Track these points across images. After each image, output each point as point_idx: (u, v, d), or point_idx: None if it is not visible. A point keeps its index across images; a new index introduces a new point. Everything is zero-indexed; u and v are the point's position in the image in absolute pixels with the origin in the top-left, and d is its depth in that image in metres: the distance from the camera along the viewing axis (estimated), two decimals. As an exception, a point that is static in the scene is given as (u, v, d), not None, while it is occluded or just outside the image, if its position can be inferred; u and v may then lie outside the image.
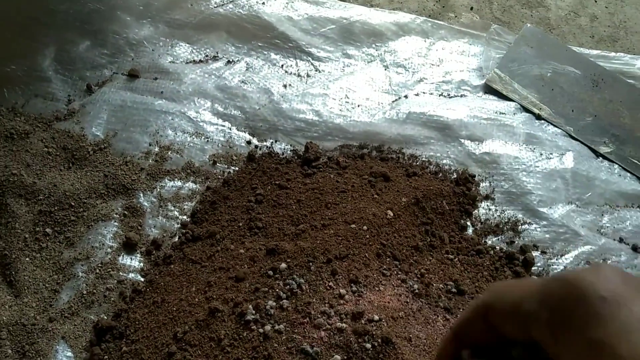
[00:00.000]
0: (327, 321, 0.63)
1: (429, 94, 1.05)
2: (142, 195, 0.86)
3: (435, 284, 0.74)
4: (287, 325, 0.63)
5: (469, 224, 0.89)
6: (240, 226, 0.81)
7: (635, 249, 0.91)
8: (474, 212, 0.91)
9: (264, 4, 1.10)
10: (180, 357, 0.64)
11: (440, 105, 1.02)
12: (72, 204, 0.83)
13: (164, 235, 0.83)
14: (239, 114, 0.97)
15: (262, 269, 0.71)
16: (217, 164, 0.91)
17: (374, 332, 0.61)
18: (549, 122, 1.05)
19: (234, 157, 0.92)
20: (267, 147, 0.94)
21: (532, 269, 0.85)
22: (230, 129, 0.95)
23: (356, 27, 1.11)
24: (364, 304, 0.65)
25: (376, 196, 0.85)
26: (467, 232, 0.88)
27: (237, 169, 0.91)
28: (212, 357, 0.63)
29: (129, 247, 0.81)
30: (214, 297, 0.70)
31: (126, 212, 0.84)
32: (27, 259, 0.78)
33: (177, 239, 0.83)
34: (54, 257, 0.79)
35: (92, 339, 0.72)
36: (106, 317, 0.74)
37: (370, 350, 0.60)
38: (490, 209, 0.92)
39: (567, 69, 1.12)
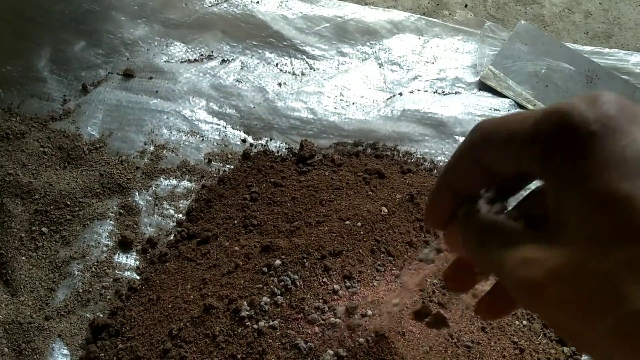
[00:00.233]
0: (321, 316, 0.64)
1: (423, 92, 1.06)
2: (137, 194, 0.86)
3: (429, 279, 0.74)
4: (282, 321, 0.64)
5: (463, 220, 0.89)
6: (235, 224, 0.82)
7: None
8: (468, 208, 0.91)
9: (258, 3, 1.11)
10: (175, 353, 0.65)
11: (434, 102, 1.03)
12: (68, 203, 0.83)
13: (160, 233, 0.84)
14: (234, 113, 0.97)
15: (257, 266, 0.71)
16: (213, 163, 0.92)
17: (367, 326, 0.62)
18: (543, 118, 1.05)
19: (229, 156, 0.93)
20: (262, 145, 0.95)
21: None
22: (225, 128, 0.96)
23: (350, 26, 1.12)
24: (358, 299, 0.66)
25: (371, 193, 0.85)
26: (461, 228, 0.88)
27: (232, 167, 0.92)
28: (207, 353, 0.63)
29: (124, 245, 0.82)
30: (209, 294, 0.70)
31: (122, 211, 0.85)
32: (23, 258, 0.78)
33: (172, 237, 0.83)
34: (50, 255, 0.79)
35: (88, 336, 0.73)
36: (102, 315, 0.75)
37: (364, 344, 0.60)
38: (484, 205, 0.92)
39: (561, 65, 1.13)
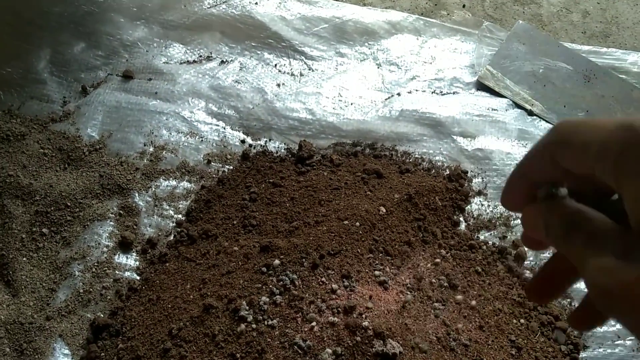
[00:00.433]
0: (320, 316, 0.64)
1: (421, 92, 1.06)
2: (137, 194, 0.87)
3: (427, 279, 0.75)
4: (280, 320, 0.64)
5: (461, 219, 0.90)
6: (234, 224, 0.82)
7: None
8: (466, 208, 0.91)
9: (256, 4, 1.11)
10: (175, 353, 0.65)
11: (432, 102, 1.03)
12: (68, 204, 0.84)
13: (159, 234, 0.84)
14: (233, 114, 0.98)
15: (256, 266, 0.72)
16: (212, 163, 0.92)
17: (365, 325, 0.62)
18: (541, 118, 1.06)
19: (228, 156, 0.93)
20: (261, 145, 0.95)
21: (524, 263, 0.86)
22: (224, 129, 0.96)
23: (349, 26, 1.12)
24: (356, 298, 0.66)
25: (369, 193, 0.86)
26: (459, 228, 0.89)
27: (232, 167, 0.92)
28: (207, 353, 0.64)
29: (124, 246, 0.82)
30: (209, 293, 0.70)
31: (122, 212, 0.85)
32: (24, 259, 0.79)
33: (172, 238, 0.84)
34: (50, 256, 0.80)
35: (89, 336, 0.73)
36: (102, 315, 0.75)
37: (361, 343, 0.61)
38: (482, 205, 0.93)
39: (559, 65, 1.13)
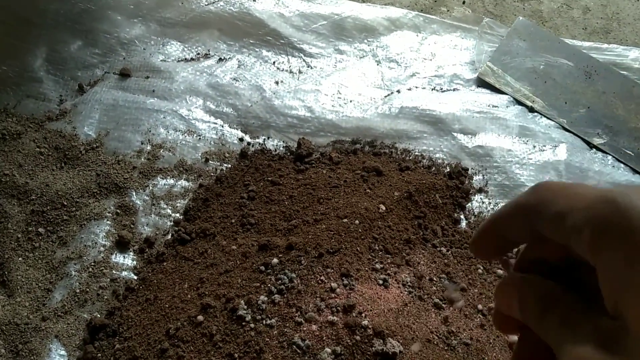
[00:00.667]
0: (319, 315, 0.63)
1: (421, 89, 1.05)
2: (134, 193, 0.86)
3: (427, 277, 0.74)
4: (279, 319, 0.63)
5: (462, 217, 0.89)
6: (232, 223, 0.81)
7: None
8: (467, 206, 0.91)
9: (255, 1, 1.10)
10: (172, 353, 0.64)
11: (432, 99, 1.02)
12: (65, 204, 0.83)
13: (157, 233, 0.83)
14: (231, 111, 0.97)
15: (254, 265, 0.71)
16: (210, 162, 0.91)
17: (365, 324, 0.61)
18: (542, 114, 1.05)
19: (227, 155, 0.92)
20: (259, 143, 0.94)
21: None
22: (222, 127, 0.95)
23: (348, 23, 1.11)
24: (355, 297, 0.65)
25: (369, 191, 0.85)
26: (460, 226, 0.88)
27: (230, 166, 0.91)
28: (205, 353, 0.63)
29: (121, 245, 0.81)
30: (206, 293, 0.70)
31: (119, 211, 0.84)
32: (19, 259, 0.78)
33: (169, 237, 0.83)
34: (46, 256, 0.79)
35: (86, 337, 0.72)
36: (99, 316, 0.74)
37: (361, 342, 0.60)
38: (483, 202, 0.92)
39: (559, 61, 1.12)
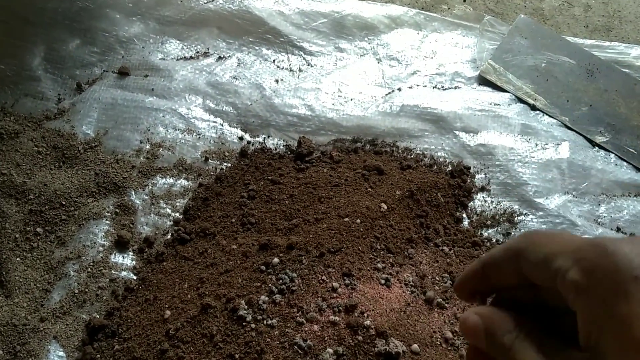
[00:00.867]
0: (320, 315, 0.62)
1: (422, 87, 1.05)
2: (133, 193, 0.85)
3: (430, 276, 0.73)
4: (280, 319, 0.63)
5: (464, 216, 0.88)
6: (232, 222, 0.80)
7: (632, 238, 0.90)
8: (469, 204, 0.90)
9: (254, -1, 1.10)
10: (172, 354, 0.64)
11: (434, 97, 1.01)
12: (63, 203, 0.82)
13: (156, 232, 0.83)
14: (230, 110, 0.96)
15: (255, 264, 0.70)
16: (209, 161, 0.90)
17: (367, 324, 0.60)
18: (544, 112, 1.04)
19: (226, 153, 0.92)
20: (259, 142, 0.94)
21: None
22: (222, 125, 0.95)
23: (348, 21, 1.10)
24: (357, 296, 0.65)
25: (370, 190, 0.84)
26: (462, 224, 0.87)
27: (230, 165, 0.90)
28: (205, 354, 0.62)
29: (120, 245, 0.80)
30: (206, 293, 0.69)
31: (118, 210, 0.84)
32: (17, 259, 0.77)
33: (169, 236, 0.82)
34: (45, 256, 0.78)
35: (84, 338, 0.71)
36: (98, 316, 0.74)
37: (363, 343, 0.59)
38: (486, 201, 0.91)
39: (561, 59, 1.11)
